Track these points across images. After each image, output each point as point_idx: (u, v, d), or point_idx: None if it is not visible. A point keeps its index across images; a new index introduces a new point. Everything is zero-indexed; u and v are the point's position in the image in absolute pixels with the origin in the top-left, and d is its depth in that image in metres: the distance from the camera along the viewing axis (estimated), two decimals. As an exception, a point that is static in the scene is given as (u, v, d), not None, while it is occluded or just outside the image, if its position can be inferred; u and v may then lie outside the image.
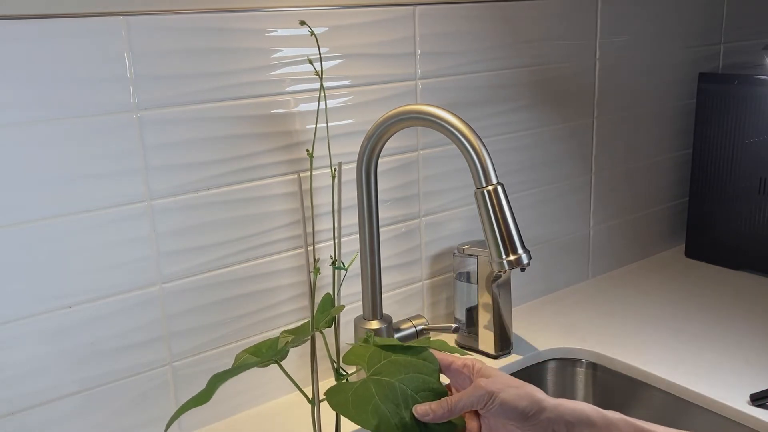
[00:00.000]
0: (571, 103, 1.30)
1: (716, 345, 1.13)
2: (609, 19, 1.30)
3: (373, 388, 0.69)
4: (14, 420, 0.83)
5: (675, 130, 1.50)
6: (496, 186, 0.80)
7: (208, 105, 0.90)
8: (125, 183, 0.85)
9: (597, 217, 1.40)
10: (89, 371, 0.87)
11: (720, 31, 1.53)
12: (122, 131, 0.84)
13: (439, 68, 1.10)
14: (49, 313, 0.83)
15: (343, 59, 1.00)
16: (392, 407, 0.68)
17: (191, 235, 0.92)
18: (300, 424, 0.96)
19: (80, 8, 0.79)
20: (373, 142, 0.92)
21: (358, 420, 0.67)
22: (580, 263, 1.40)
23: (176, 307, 0.92)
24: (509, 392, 0.69)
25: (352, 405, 0.68)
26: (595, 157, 1.36)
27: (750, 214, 1.39)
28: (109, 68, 0.82)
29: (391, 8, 1.03)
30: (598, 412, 0.70)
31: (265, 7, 0.92)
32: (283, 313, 1.01)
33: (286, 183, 0.98)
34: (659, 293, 1.34)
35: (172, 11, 0.85)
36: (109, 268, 0.86)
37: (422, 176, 1.13)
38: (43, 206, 0.81)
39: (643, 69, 1.40)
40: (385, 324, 1.01)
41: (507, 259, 0.80)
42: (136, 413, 0.91)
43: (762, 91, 1.34)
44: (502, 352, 1.12)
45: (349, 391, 0.69)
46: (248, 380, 0.99)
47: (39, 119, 0.79)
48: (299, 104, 0.97)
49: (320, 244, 1.02)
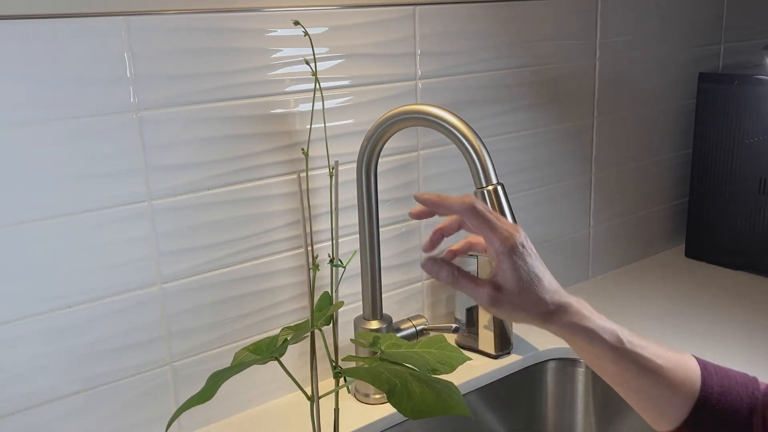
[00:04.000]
0: (571, 103, 1.30)
1: (716, 345, 1.13)
2: (609, 19, 1.30)
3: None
4: (14, 420, 0.83)
5: (675, 130, 1.50)
6: (496, 186, 0.80)
7: (208, 105, 0.90)
8: (125, 183, 0.85)
9: (597, 217, 1.40)
10: (89, 371, 0.87)
11: (720, 31, 1.53)
12: (122, 131, 0.84)
13: (439, 68, 1.10)
14: (49, 313, 0.83)
15: (342, 59, 1.00)
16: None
17: (191, 235, 0.92)
18: (300, 424, 0.96)
19: (80, 8, 0.79)
20: (373, 142, 0.92)
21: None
22: (580, 263, 1.40)
23: (176, 307, 0.92)
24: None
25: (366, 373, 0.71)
26: (595, 157, 1.36)
27: (750, 214, 1.39)
28: (109, 68, 0.82)
29: (391, 8, 1.03)
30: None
31: (265, 7, 0.92)
32: (283, 312, 1.01)
33: (286, 183, 0.98)
34: (659, 293, 1.34)
35: (172, 11, 0.85)
36: (109, 268, 0.86)
37: (422, 176, 1.13)
38: (43, 206, 0.81)
39: (643, 69, 1.40)
40: (385, 324, 1.01)
41: (507, 259, 0.80)
42: (136, 413, 0.91)
43: (762, 91, 1.34)
44: (502, 352, 1.12)
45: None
46: (248, 380, 0.99)
47: (39, 119, 0.79)
48: (299, 104, 0.97)
49: (320, 244, 1.02)
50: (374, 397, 1.01)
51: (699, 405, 0.68)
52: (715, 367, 0.71)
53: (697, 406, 0.68)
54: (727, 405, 0.68)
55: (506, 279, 0.65)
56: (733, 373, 0.71)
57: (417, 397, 0.69)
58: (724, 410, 0.68)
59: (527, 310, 0.66)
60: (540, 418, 1.18)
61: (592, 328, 0.67)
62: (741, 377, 0.71)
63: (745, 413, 0.68)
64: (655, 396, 0.69)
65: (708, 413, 0.68)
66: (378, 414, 0.98)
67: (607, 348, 0.67)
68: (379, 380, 0.70)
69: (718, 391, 0.69)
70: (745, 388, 0.70)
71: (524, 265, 0.65)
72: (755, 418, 0.68)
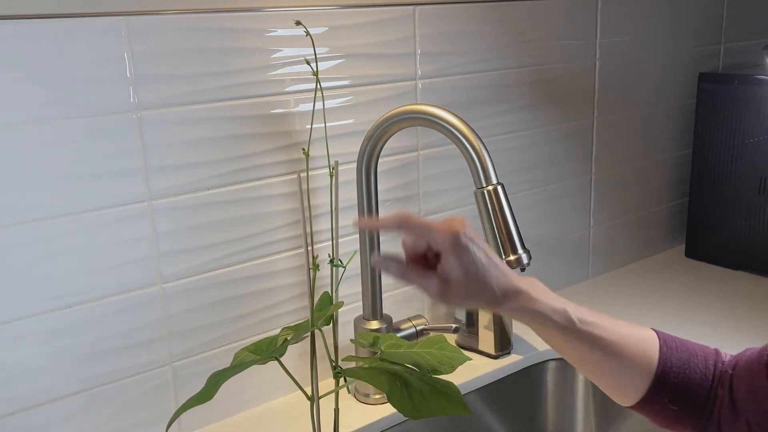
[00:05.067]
0: (571, 103, 1.30)
1: (716, 345, 1.13)
2: (609, 19, 1.30)
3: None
4: (14, 420, 0.83)
5: (675, 130, 1.50)
6: (496, 186, 0.80)
7: (208, 105, 0.90)
8: (125, 183, 0.85)
9: (597, 217, 1.40)
10: (89, 371, 0.87)
11: (720, 31, 1.53)
12: (122, 131, 0.84)
13: (439, 68, 1.10)
14: (49, 313, 0.83)
15: (343, 59, 1.00)
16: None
17: (191, 235, 0.92)
18: (300, 424, 0.96)
19: (80, 8, 0.79)
20: (373, 142, 0.92)
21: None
22: (580, 263, 1.40)
23: (176, 307, 0.92)
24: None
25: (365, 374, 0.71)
26: (595, 157, 1.36)
27: (750, 214, 1.39)
28: (109, 68, 0.82)
29: (391, 8, 1.03)
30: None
31: (265, 7, 0.92)
32: (283, 313, 1.01)
33: (286, 183, 0.98)
34: (659, 293, 1.34)
35: (172, 11, 0.85)
36: (109, 268, 0.86)
37: (422, 176, 1.13)
38: (43, 206, 0.81)
39: (643, 69, 1.40)
40: (385, 324, 1.01)
41: (507, 259, 0.80)
42: (136, 413, 0.91)
43: (762, 91, 1.34)
44: (502, 352, 1.12)
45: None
46: (248, 380, 0.99)
47: (39, 119, 0.79)
48: (299, 104, 0.97)
49: (320, 244, 1.02)
50: (374, 397, 1.01)
51: (658, 379, 0.69)
52: (675, 341, 0.72)
53: (656, 379, 0.69)
54: (687, 378, 0.69)
55: (452, 271, 0.66)
56: (693, 345, 0.72)
57: (417, 397, 0.69)
58: (685, 383, 0.69)
59: (476, 298, 0.68)
60: (540, 418, 1.18)
61: (541, 310, 0.69)
62: (701, 350, 0.72)
63: (706, 385, 0.69)
64: (610, 371, 0.71)
65: (668, 386, 0.69)
66: (378, 414, 0.98)
67: (557, 328, 0.69)
68: (379, 380, 0.70)
69: (677, 366, 0.69)
70: (705, 360, 0.71)
71: (468, 256, 0.66)
72: (720, 390, 0.69)
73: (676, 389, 0.69)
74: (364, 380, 0.72)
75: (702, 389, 0.69)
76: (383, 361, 0.74)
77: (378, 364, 0.74)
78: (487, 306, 0.69)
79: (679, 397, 0.69)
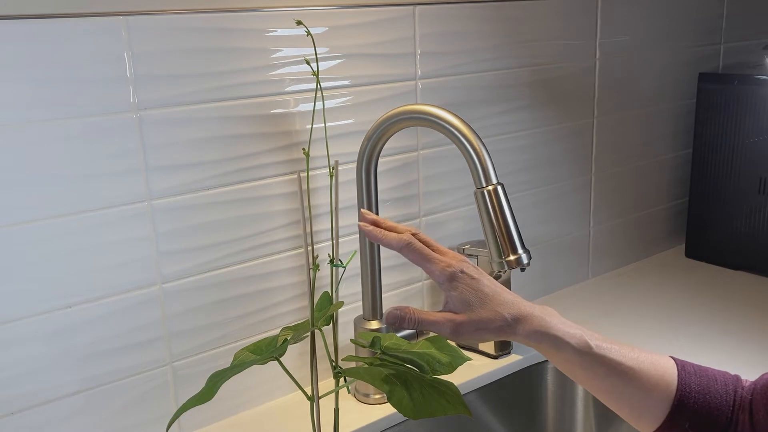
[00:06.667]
0: (571, 103, 1.30)
1: (716, 345, 1.13)
2: (609, 19, 1.31)
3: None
4: (14, 420, 0.83)
5: (675, 130, 1.50)
6: (496, 186, 0.80)
7: (208, 105, 0.90)
8: (125, 183, 0.85)
9: (597, 217, 1.40)
10: (89, 371, 0.87)
11: (720, 31, 1.53)
12: (122, 131, 0.84)
13: (439, 68, 1.10)
14: (49, 313, 0.83)
15: (342, 59, 1.00)
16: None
17: (191, 235, 0.92)
18: (300, 424, 0.96)
19: (80, 8, 0.79)
20: (373, 142, 0.92)
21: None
22: (580, 263, 1.40)
23: (176, 307, 0.92)
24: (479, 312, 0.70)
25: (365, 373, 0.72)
26: (595, 157, 1.36)
27: (750, 214, 1.39)
28: (109, 68, 0.82)
29: (391, 8, 1.03)
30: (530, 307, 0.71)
31: (265, 7, 0.92)
32: (283, 313, 1.01)
33: (286, 183, 0.98)
34: (659, 293, 1.34)
35: (172, 11, 0.85)
36: (109, 268, 0.86)
37: (422, 176, 1.13)
38: (43, 206, 0.81)
39: (643, 69, 1.40)
40: (385, 324, 1.01)
41: (507, 259, 0.80)
42: (136, 413, 0.91)
43: (762, 91, 1.34)
44: (502, 352, 1.12)
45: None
46: (248, 380, 0.99)
47: (39, 119, 0.79)
48: (299, 104, 0.97)
49: (320, 244, 1.02)
50: (374, 397, 1.01)
51: (677, 405, 0.68)
52: (694, 367, 0.71)
53: (675, 405, 0.68)
54: (707, 404, 0.68)
55: (456, 305, 0.69)
56: (713, 372, 0.71)
57: (417, 397, 0.69)
58: (705, 409, 0.68)
59: (486, 328, 0.69)
60: (540, 418, 1.18)
61: (556, 334, 0.69)
62: (721, 376, 0.71)
63: (727, 411, 0.68)
64: (627, 397, 0.70)
65: (688, 413, 0.68)
66: (378, 414, 0.98)
67: (574, 353, 0.69)
68: (379, 380, 0.70)
69: (696, 390, 0.69)
70: (726, 386, 0.70)
71: (467, 288, 0.69)
72: (741, 415, 0.68)
73: (696, 414, 0.68)
74: (364, 380, 0.72)
75: (723, 414, 0.68)
76: (383, 361, 0.74)
77: (378, 364, 0.74)
78: (500, 334, 0.69)
79: (699, 423, 0.68)
